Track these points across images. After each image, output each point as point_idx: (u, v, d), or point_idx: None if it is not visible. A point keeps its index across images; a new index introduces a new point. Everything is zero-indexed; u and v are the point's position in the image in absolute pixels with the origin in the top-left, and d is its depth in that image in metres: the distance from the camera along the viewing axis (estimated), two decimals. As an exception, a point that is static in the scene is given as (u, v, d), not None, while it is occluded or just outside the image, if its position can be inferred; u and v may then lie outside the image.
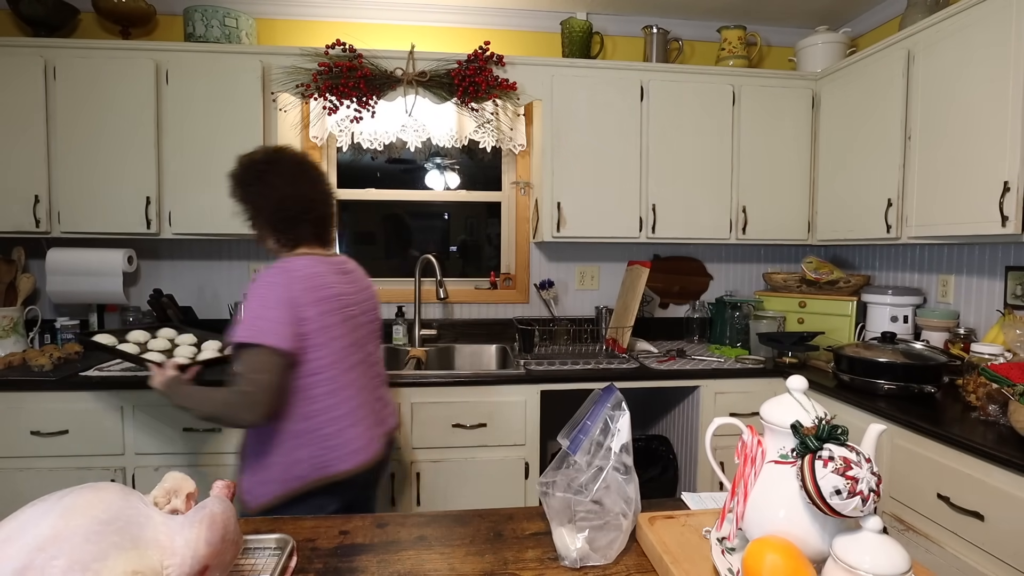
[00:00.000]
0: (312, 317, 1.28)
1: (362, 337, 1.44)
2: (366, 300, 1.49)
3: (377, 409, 1.47)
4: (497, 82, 2.34)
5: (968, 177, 1.78)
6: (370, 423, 1.41)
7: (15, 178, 2.15)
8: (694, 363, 2.30)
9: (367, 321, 1.48)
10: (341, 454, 1.33)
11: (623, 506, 0.87)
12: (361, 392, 1.40)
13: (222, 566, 0.74)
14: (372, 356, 1.49)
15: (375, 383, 1.49)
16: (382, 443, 1.46)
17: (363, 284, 1.51)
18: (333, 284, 1.36)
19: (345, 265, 1.48)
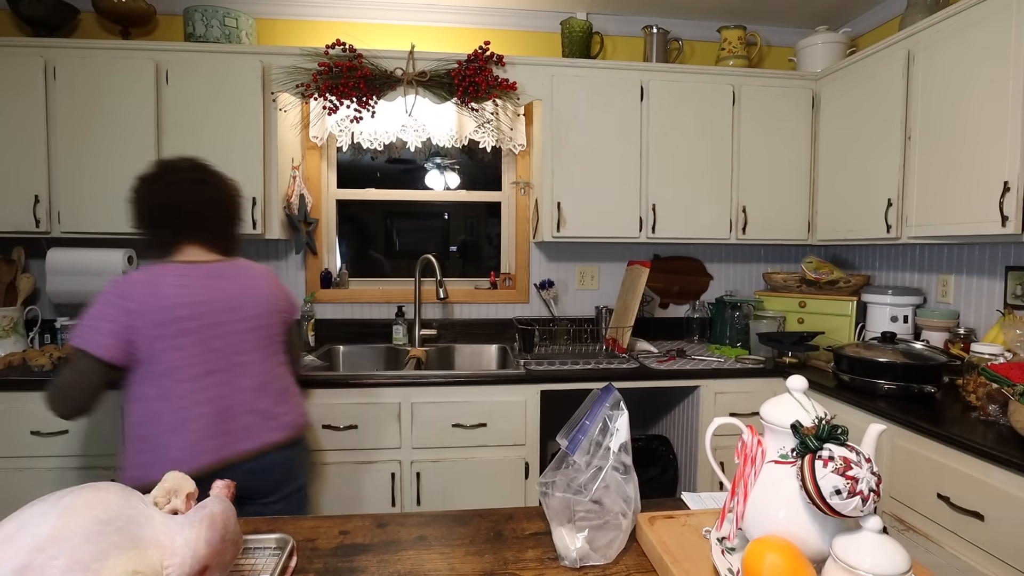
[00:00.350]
0: (142, 328, 1.31)
1: (211, 347, 1.37)
2: (236, 308, 1.42)
3: (224, 420, 1.37)
4: (497, 82, 2.34)
5: (968, 177, 1.78)
6: (203, 435, 1.35)
7: (15, 178, 2.15)
8: (694, 363, 2.30)
9: (235, 331, 1.41)
10: (161, 462, 1.31)
11: (623, 506, 0.87)
12: (199, 402, 1.35)
13: (222, 566, 0.74)
14: (228, 363, 1.39)
15: (236, 391, 1.40)
16: (223, 454, 1.36)
17: (234, 291, 1.42)
18: (172, 295, 1.34)
19: (213, 271, 1.42)
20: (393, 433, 2.05)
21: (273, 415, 1.46)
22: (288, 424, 1.49)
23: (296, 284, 2.65)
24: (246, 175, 2.24)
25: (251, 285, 1.46)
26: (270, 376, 1.48)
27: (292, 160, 2.49)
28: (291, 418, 1.50)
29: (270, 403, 1.46)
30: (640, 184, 2.44)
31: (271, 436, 1.44)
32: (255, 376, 1.44)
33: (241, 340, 1.42)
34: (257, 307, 1.46)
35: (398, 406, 2.04)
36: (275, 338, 1.51)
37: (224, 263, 1.46)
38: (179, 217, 1.41)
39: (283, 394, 1.50)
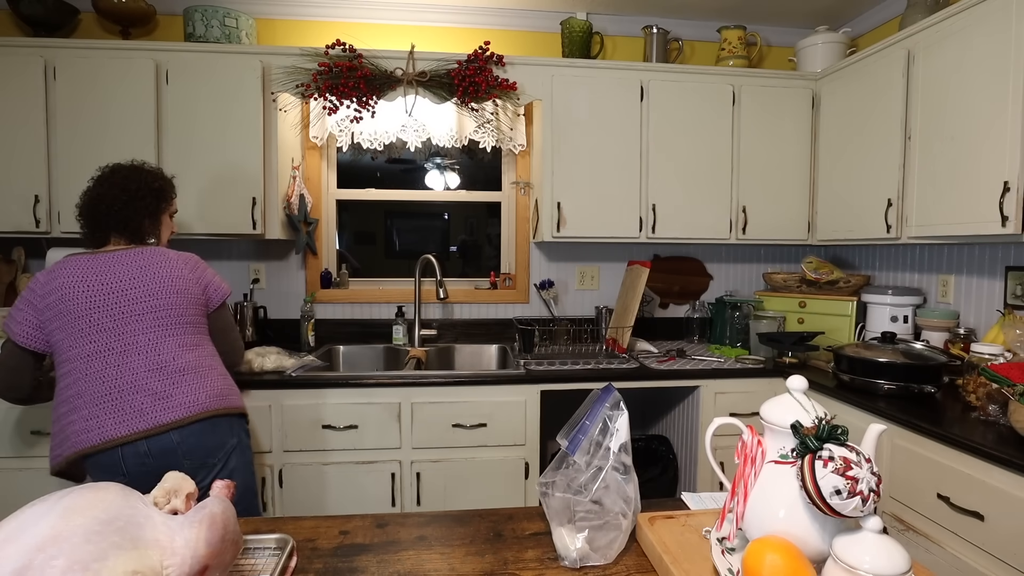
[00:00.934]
0: (45, 314, 1.46)
1: (103, 328, 1.45)
2: (128, 290, 1.48)
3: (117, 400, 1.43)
4: (497, 82, 2.34)
5: (968, 177, 1.78)
6: (98, 413, 1.42)
7: (15, 178, 2.15)
8: (694, 363, 2.30)
9: (128, 313, 1.47)
10: (64, 437, 1.43)
11: (623, 506, 0.87)
12: (94, 379, 1.43)
13: (222, 566, 0.74)
14: (122, 344, 1.46)
15: (128, 372, 1.45)
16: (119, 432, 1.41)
17: (129, 276, 1.49)
18: (59, 287, 1.45)
19: (113, 259, 1.51)
20: (393, 433, 2.05)
21: (168, 395, 1.47)
22: (186, 404, 1.47)
23: (296, 284, 2.65)
24: (246, 175, 2.24)
25: (152, 269, 1.52)
26: (168, 356, 1.49)
27: (292, 160, 2.49)
28: (192, 399, 1.49)
29: (167, 383, 1.47)
30: (640, 184, 2.44)
31: (164, 416, 1.45)
32: (149, 356, 1.47)
33: (135, 321, 1.48)
34: (153, 289, 1.51)
35: (398, 406, 2.04)
36: (179, 319, 1.53)
37: (129, 251, 1.54)
38: (93, 214, 1.55)
39: (185, 375, 1.50)
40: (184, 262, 1.59)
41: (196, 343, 1.56)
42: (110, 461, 1.41)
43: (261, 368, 2.05)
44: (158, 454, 1.44)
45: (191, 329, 1.56)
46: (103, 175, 1.59)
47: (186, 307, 1.55)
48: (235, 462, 1.57)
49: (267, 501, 2.01)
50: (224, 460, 1.54)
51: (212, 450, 1.51)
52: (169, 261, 1.56)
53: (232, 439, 1.56)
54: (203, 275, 1.62)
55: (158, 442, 1.43)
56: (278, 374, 2.04)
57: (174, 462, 1.45)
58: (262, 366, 2.05)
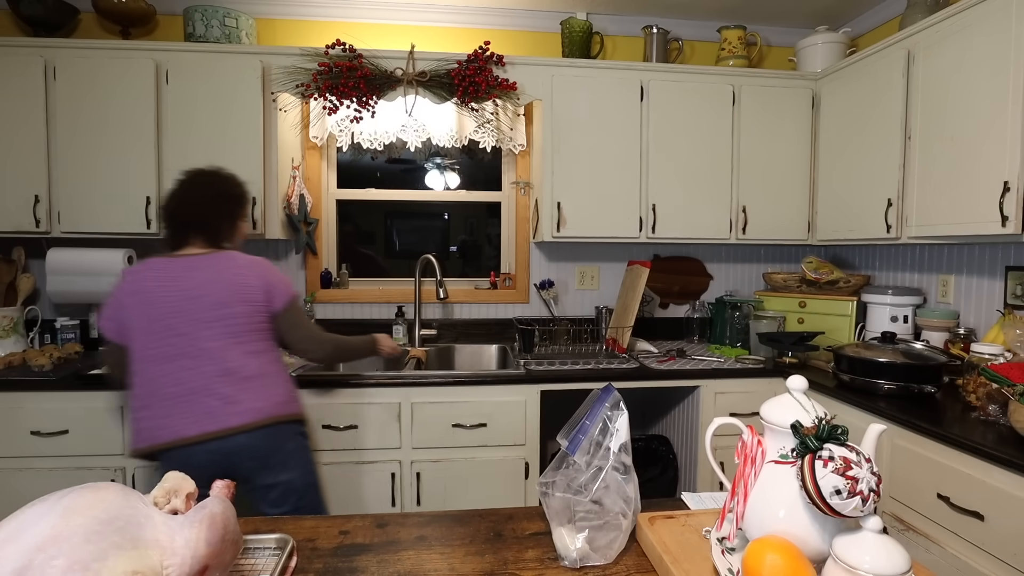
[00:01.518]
0: (125, 312, 1.55)
1: (179, 332, 1.52)
2: (200, 297, 1.54)
3: (190, 401, 1.50)
4: (497, 82, 2.34)
5: (968, 177, 1.78)
6: (173, 412, 1.50)
7: (15, 178, 2.15)
8: (694, 363, 2.30)
9: (201, 319, 1.53)
10: (136, 431, 1.54)
11: (623, 506, 0.87)
12: (167, 380, 1.51)
13: (222, 566, 0.74)
14: (195, 349, 1.52)
15: (201, 375, 1.52)
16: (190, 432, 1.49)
17: (202, 282, 1.55)
18: (141, 289, 1.55)
19: (189, 263, 1.57)
20: (393, 433, 2.05)
21: (236, 400, 1.53)
22: (252, 410, 1.54)
23: (296, 284, 2.65)
24: (246, 175, 2.21)
25: (223, 276, 1.57)
26: (238, 364, 1.55)
27: (292, 160, 2.49)
28: (258, 405, 1.55)
29: (235, 389, 1.54)
30: (640, 184, 2.44)
31: (232, 420, 1.52)
32: (219, 362, 1.53)
33: (207, 327, 1.54)
34: (222, 297, 1.55)
35: (398, 406, 2.04)
36: (246, 327, 1.58)
37: (205, 256, 1.60)
38: (172, 219, 1.62)
39: (252, 381, 1.56)
40: (251, 268, 1.62)
41: (262, 349, 1.62)
42: (180, 457, 1.50)
43: (261, 368, 2.05)
44: (227, 453, 1.53)
45: (257, 336, 1.61)
46: (186, 179, 1.65)
47: (252, 315, 1.60)
48: (294, 463, 1.64)
49: (267, 501, 2.00)
50: (284, 461, 1.61)
51: (274, 452, 1.59)
52: (239, 268, 1.60)
53: (291, 443, 1.64)
54: (267, 281, 1.63)
55: (226, 443, 1.52)
56: (278, 374, 2.03)
57: (239, 461, 1.55)
58: (262, 366, 2.05)
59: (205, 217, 1.63)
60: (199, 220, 1.62)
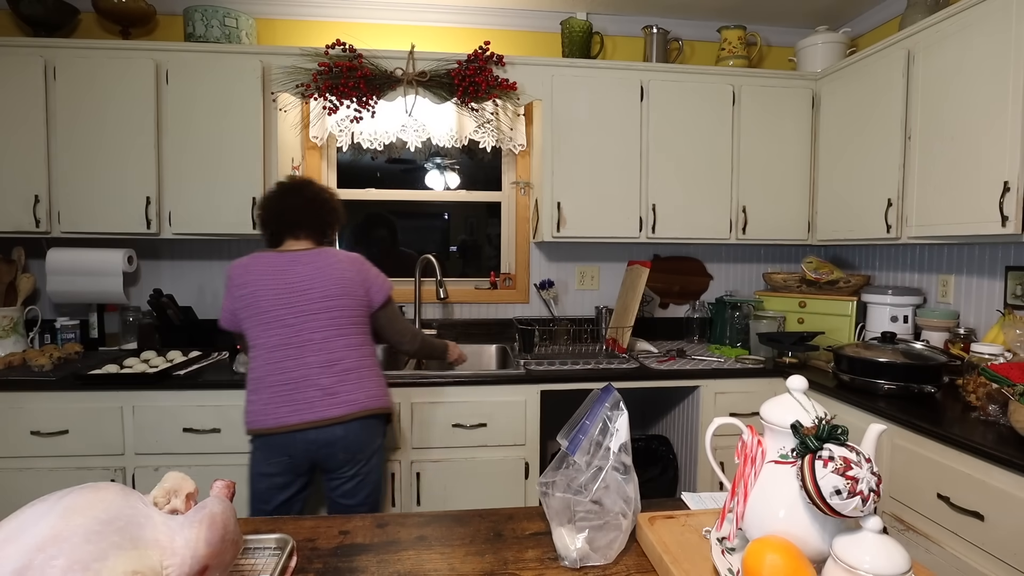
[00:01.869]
0: (237, 303, 1.66)
1: (286, 323, 1.62)
2: (307, 290, 1.63)
3: (292, 390, 1.60)
4: (497, 82, 2.34)
5: (968, 177, 1.78)
6: (276, 399, 1.60)
7: (15, 178, 2.15)
8: (694, 363, 2.30)
9: (307, 311, 1.62)
10: (248, 412, 1.64)
11: (623, 506, 0.87)
12: (274, 368, 1.61)
13: (222, 566, 0.74)
14: (300, 339, 1.62)
15: (303, 365, 1.61)
16: (291, 420, 1.58)
17: (307, 275, 1.64)
18: (250, 281, 1.64)
19: (293, 258, 1.67)
20: (393, 433, 2.05)
21: (335, 392, 1.62)
22: (349, 402, 1.63)
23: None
24: (246, 175, 2.24)
25: (326, 270, 1.66)
26: (337, 355, 1.64)
27: (292, 160, 2.49)
28: (354, 397, 1.64)
29: (334, 380, 1.62)
30: (640, 184, 2.44)
31: (331, 411, 1.60)
32: (321, 353, 1.62)
33: (311, 319, 1.62)
34: (327, 291, 1.64)
35: (398, 406, 2.04)
36: (347, 320, 1.67)
37: (308, 251, 1.69)
38: (280, 217, 1.72)
39: (349, 373, 1.64)
40: (351, 263, 1.71)
41: (360, 343, 1.70)
42: (281, 442, 1.61)
43: (261, 368, 2.05)
44: (322, 443, 1.61)
45: (356, 329, 1.69)
46: (290, 185, 1.77)
47: (353, 308, 1.68)
48: (376, 460, 1.73)
49: (267, 501, 2.00)
50: (369, 457, 1.70)
51: (364, 445, 1.68)
52: (340, 263, 1.69)
53: (379, 439, 1.73)
54: (367, 276, 1.72)
55: (323, 433, 1.60)
56: (278, 374, 2.04)
57: (333, 452, 1.63)
58: (262, 366, 2.05)
59: (313, 217, 1.73)
60: (309, 219, 1.72)
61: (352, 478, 1.68)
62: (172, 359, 2.17)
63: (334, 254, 1.71)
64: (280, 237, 1.73)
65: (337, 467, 1.66)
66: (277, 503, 1.68)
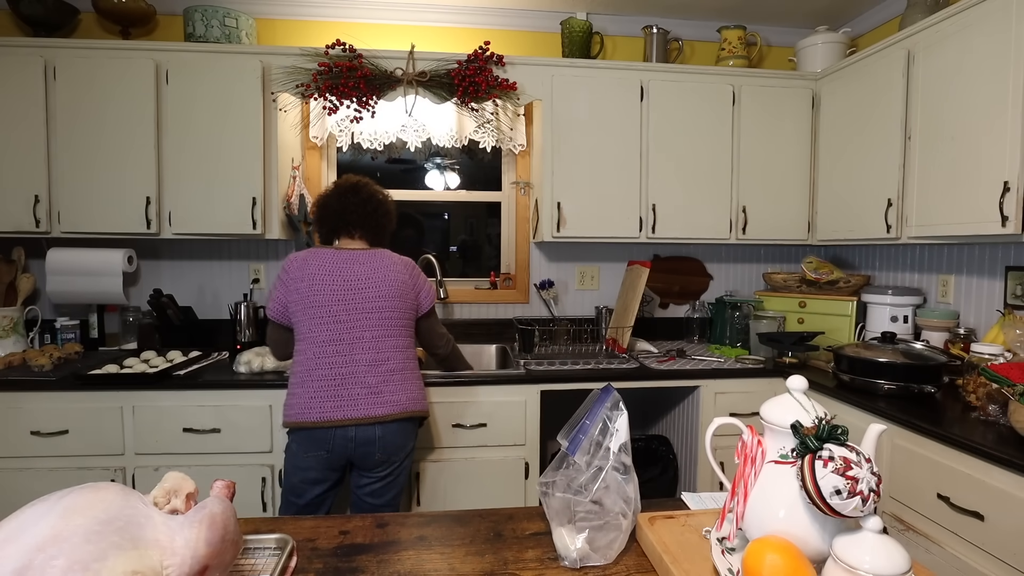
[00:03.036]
0: (291, 295, 1.68)
1: (339, 320, 1.65)
2: (362, 289, 1.66)
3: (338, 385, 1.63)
4: (497, 82, 2.34)
5: (968, 177, 1.78)
6: (320, 394, 1.62)
7: (15, 178, 2.15)
8: (694, 363, 2.30)
9: (359, 309, 1.66)
10: (291, 404, 1.66)
11: (623, 506, 0.87)
12: (323, 363, 1.64)
13: (222, 566, 0.74)
14: (351, 336, 1.65)
15: (352, 362, 1.64)
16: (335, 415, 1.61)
17: (364, 275, 1.67)
18: (308, 275, 1.66)
19: (351, 256, 1.70)
20: (395, 433, 2.05)
21: (379, 391, 1.65)
22: (391, 403, 1.66)
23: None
24: (246, 175, 2.24)
25: (381, 271, 1.70)
26: (385, 355, 1.67)
27: (292, 160, 2.49)
28: (397, 398, 1.67)
29: (379, 379, 1.65)
30: (640, 184, 2.44)
31: (374, 410, 1.63)
32: (370, 352, 1.65)
33: (363, 318, 1.66)
34: (381, 291, 1.68)
35: (398, 406, 2.04)
36: (397, 321, 1.70)
37: (365, 251, 1.73)
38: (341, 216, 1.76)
39: (394, 374, 1.68)
40: (405, 267, 1.75)
41: (407, 345, 1.74)
42: (321, 437, 1.63)
43: (261, 368, 2.05)
44: (361, 441, 1.64)
45: (404, 332, 1.73)
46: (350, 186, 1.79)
47: (404, 310, 1.73)
48: (407, 463, 1.76)
49: (267, 501, 2.01)
50: (403, 459, 1.73)
51: (400, 447, 1.70)
52: (395, 266, 1.73)
53: (412, 441, 1.76)
54: (418, 281, 1.77)
55: (364, 431, 1.63)
56: (278, 374, 2.04)
57: (371, 451, 1.66)
58: (262, 366, 2.05)
59: (370, 219, 1.77)
60: (366, 220, 1.76)
61: (383, 479, 1.71)
62: (172, 359, 2.17)
63: (390, 256, 1.75)
64: (336, 235, 1.78)
65: (372, 466, 1.69)
66: (309, 498, 1.70)
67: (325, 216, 1.78)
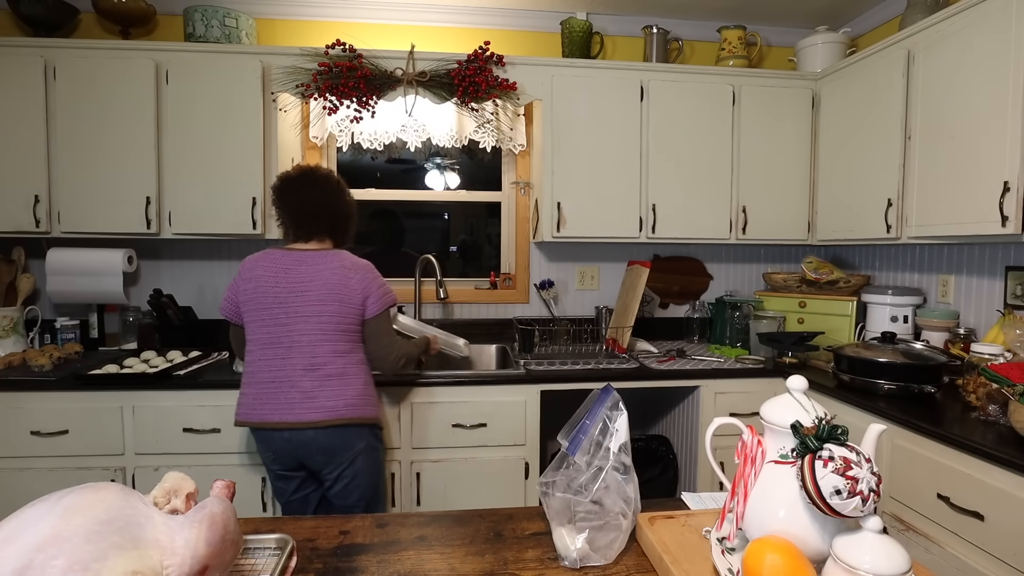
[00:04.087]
0: (240, 296, 1.68)
1: (279, 323, 1.63)
2: (303, 292, 1.63)
3: (276, 388, 1.62)
4: (497, 82, 2.34)
5: (968, 177, 1.78)
6: (262, 396, 1.63)
7: (15, 178, 2.15)
8: (694, 363, 2.30)
9: (299, 313, 1.63)
10: (239, 403, 1.68)
11: (623, 506, 0.87)
12: (264, 366, 1.64)
13: (222, 566, 0.74)
14: (289, 340, 1.63)
15: (288, 366, 1.62)
16: (272, 418, 1.61)
17: (306, 277, 1.63)
18: (255, 276, 1.65)
19: (299, 258, 1.66)
20: (393, 433, 2.05)
21: (314, 396, 1.62)
22: (325, 408, 1.62)
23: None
24: (246, 175, 2.24)
25: (324, 274, 1.64)
26: (321, 360, 1.63)
27: (292, 160, 2.49)
28: (331, 404, 1.62)
29: (314, 384, 1.62)
30: (640, 184, 2.44)
31: (307, 415, 1.61)
32: (306, 356, 1.62)
33: (302, 321, 1.62)
34: (320, 294, 1.63)
35: (398, 406, 2.04)
36: (337, 326, 1.64)
37: (316, 252, 1.68)
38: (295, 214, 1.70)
39: (331, 380, 1.63)
40: (356, 271, 1.67)
41: (348, 350, 1.67)
42: (264, 437, 1.65)
43: (261, 368, 2.05)
44: (298, 443, 1.63)
45: (345, 336, 1.67)
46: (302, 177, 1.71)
47: (344, 315, 1.65)
48: (361, 464, 1.71)
49: (267, 501, 2.01)
50: (351, 460, 1.68)
51: (341, 449, 1.67)
52: (343, 269, 1.66)
53: (360, 443, 1.69)
54: (368, 285, 1.68)
55: (299, 435, 1.62)
56: (278, 374, 2.04)
57: (309, 452, 1.65)
58: (262, 366, 2.05)
59: (343, 218, 1.72)
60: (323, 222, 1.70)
61: (338, 480, 1.69)
62: (172, 359, 2.17)
63: (339, 258, 1.68)
64: (299, 233, 1.72)
65: (318, 468, 1.67)
66: (287, 498, 1.74)
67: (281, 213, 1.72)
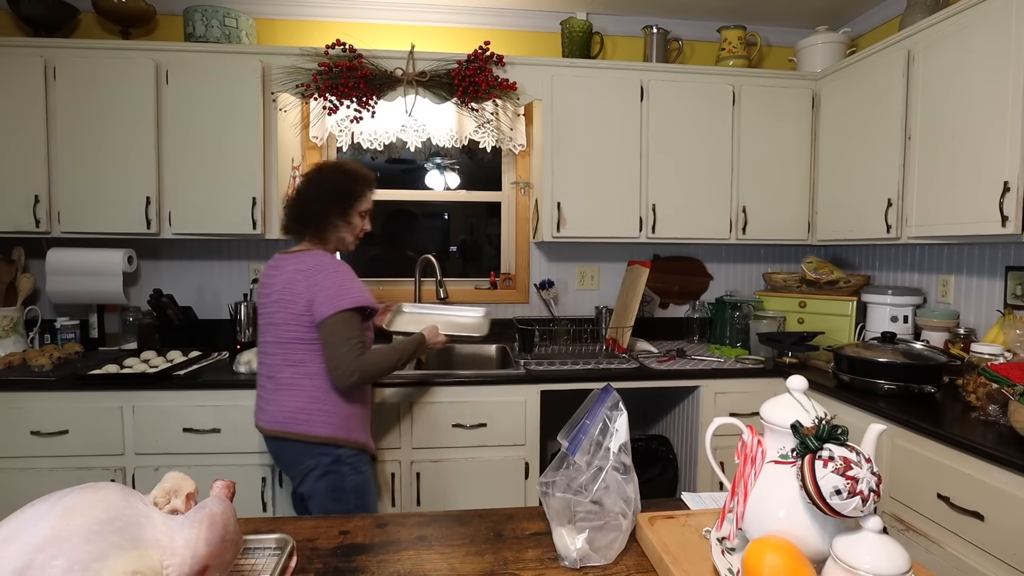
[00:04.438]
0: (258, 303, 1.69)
1: (262, 329, 1.65)
2: (270, 295, 1.61)
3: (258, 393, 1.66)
4: (497, 82, 2.34)
5: (968, 177, 1.78)
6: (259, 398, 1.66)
7: (15, 178, 2.15)
8: (694, 363, 2.30)
9: (265, 318, 1.64)
10: None
11: (623, 506, 0.87)
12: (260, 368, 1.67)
13: (222, 566, 0.74)
14: (263, 347, 1.64)
15: (262, 373, 1.65)
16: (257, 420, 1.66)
17: (274, 281, 1.61)
18: (263, 283, 1.66)
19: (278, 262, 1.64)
20: (393, 433, 2.05)
21: (267, 404, 1.62)
22: (268, 419, 1.60)
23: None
24: (246, 175, 2.24)
25: (282, 279, 1.58)
26: (275, 369, 1.60)
27: (292, 160, 2.49)
28: (274, 416, 1.59)
29: (269, 392, 1.61)
30: (640, 184, 2.44)
31: (261, 423, 1.63)
32: (267, 363, 1.63)
33: (265, 328, 1.63)
34: (272, 298, 1.60)
35: (398, 406, 2.04)
36: (289, 333, 1.57)
37: (291, 255, 1.62)
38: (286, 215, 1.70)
39: (280, 390, 1.59)
40: (306, 273, 1.54)
41: (299, 360, 1.57)
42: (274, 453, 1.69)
43: (261, 368, 2.05)
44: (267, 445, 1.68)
45: (297, 345, 1.56)
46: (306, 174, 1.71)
47: (294, 323, 1.55)
48: (312, 485, 1.58)
49: (267, 501, 2.00)
50: (302, 477, 1.60)
51: (288, 464, 1.65)
52: (295, 272, 1.55)
53: (309, 461, 1.57)
54: (314, 288, 1.51)
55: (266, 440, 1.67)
56: (278, 374, 2.03)
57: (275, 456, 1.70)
58: (262, 366, 2.05)
59: (304, 214, 1.64)
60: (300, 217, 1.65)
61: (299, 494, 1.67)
62: (172, 359, 2.17)
63: (298, 261, 1.57)
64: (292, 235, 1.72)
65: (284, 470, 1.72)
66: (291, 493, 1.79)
67: None
